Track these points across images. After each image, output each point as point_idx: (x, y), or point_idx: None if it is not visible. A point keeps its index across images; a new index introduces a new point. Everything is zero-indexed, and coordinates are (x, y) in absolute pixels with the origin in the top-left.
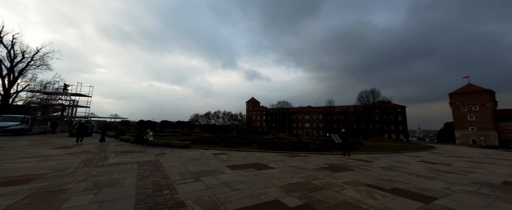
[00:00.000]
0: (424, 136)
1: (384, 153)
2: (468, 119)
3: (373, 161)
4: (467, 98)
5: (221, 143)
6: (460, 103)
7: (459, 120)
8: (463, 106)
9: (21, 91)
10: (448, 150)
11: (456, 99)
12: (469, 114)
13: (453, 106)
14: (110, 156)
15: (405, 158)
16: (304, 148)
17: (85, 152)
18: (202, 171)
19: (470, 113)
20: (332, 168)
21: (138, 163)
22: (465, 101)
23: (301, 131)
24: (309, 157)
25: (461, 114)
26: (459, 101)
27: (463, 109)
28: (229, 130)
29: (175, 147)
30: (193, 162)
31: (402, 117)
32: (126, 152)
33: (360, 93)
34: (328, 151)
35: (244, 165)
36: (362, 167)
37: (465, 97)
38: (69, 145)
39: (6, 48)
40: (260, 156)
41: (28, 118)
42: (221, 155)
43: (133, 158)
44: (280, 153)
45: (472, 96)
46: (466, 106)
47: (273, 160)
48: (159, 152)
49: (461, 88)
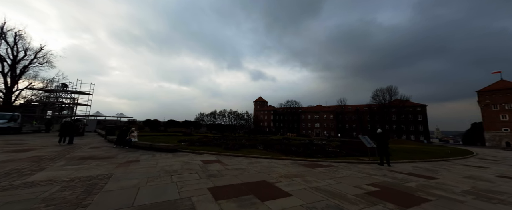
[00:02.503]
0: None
1: (426, 160)
2: (501, 119)
3: (434, 176)
4: (499, 96)
5: (222, 145)
6: (490, 101)
7: (490, 120)
8: (494, 104)
9: (24, 89)
10: (498, 156)
11: (486, 98)
12: (501, 113)
13: (482, 104)
14: (53, 165)
15: (471, 170)
16: (320, 151)
17: (34, 158)
18: (161, 202)
19: (502, 112)
20: (386, 194)
21: (71, 180)
22: (497, 99)
23: (311, 131)
24: (334, 166)
25: (491, 114)
26: (489, 99)
27: (494, 108)
28: (236, 130)
29: (160, 151)
30: (162, 178)
31: (422, 116)
32: (87, 159)
33: (375, 91)
34: (352, 156)
35: (238, 189)
36: (433, 192)
37: (497, 95)
38: (34, 147)
39: (8, 45)
40: (267, 165)
41: (18, 116)
42: (212, 164)
43: (81, 169)
44: (293, 159)
45: (505, 93)
46: (498, 104)
47: (286, 174)
48: (132, 159)
49: (491, 85)
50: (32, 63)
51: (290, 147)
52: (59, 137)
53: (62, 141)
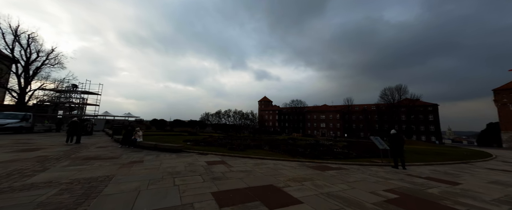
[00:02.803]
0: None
1: (444, 163)
2: None
3: (457, 181)
4: None
5: (227, 145)
6: (508, 100)
7: (507, 120)
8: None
9: (37, 90)
10: None
11: (503, 96)
12: None
13: (499, 103)
14: (56, 165)
15: (497, 174)
16: (327, 152)
17: (39, 158)
18: (161, 209)
19: None
20: (408, 202)
21: (70, 183)
22: None
23: (316, 131)
24: (345, 169)
25: (509, 113)
26: (507, 98)
27: None
28: (240, 130)
29: (164, 151)
30: (164, 181)
31: (433, 116)
32: (91, 159)
33: (383, 90)
34: (362, 158)
35: (244, 194)
36: (461, 200)
37: None
38: (42, 147)
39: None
40: (274, 167)
41: (29, 115)
42: (217, 166)
43: (83, 170)
44: (300, 161)
45: None
46: None
47: (294, 177)
48: (136, 159)
49: (509, 83)
50: (44, 64)
51: (297, 148)
52: (66, 136)
53: (69, 140)
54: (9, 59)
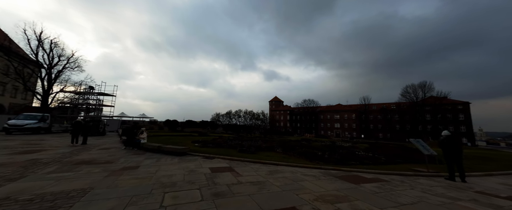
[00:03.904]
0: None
1: (510, 172)
2: None
3: None
4: None
5: (237, 147)
6: None
7: None
8: None
9: (59, 92)
10: None
11: None
12: None
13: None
14: (39, 172)
15: None
16: (350, 156)
17: (28, 162)
18: None
19: None
20: None
21: (31, 200)
22: None
23: (330, 132)
24: (386, 181)
25: None
26: None
27: None
28: (251, 130)
29: (167, 153)
30: (152, 198)
31: (464, 116)
32: (83, 164)
33: (404, 88)
34: (395, 164)
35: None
36: None
37: None
38: (46, 148)
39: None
40: (292, 177)
41: (47, 116)
42: (223, 174)
43: (62, 180)
44: (323, 168)
45: None
46: None
47: (322, 194)
48: (132, 164)
49: None
50: (65, 68)
51: (314, 150)
52: (71, 137)
53: (74, 141)
54: (34, 64)
